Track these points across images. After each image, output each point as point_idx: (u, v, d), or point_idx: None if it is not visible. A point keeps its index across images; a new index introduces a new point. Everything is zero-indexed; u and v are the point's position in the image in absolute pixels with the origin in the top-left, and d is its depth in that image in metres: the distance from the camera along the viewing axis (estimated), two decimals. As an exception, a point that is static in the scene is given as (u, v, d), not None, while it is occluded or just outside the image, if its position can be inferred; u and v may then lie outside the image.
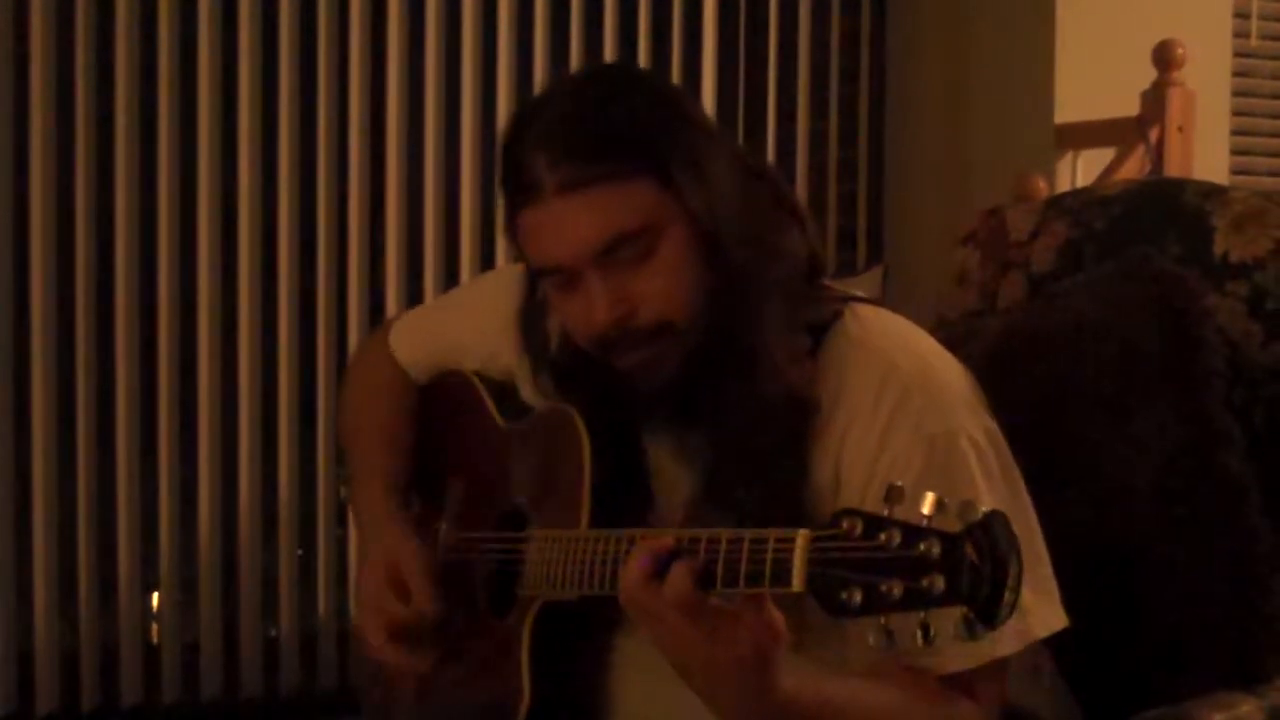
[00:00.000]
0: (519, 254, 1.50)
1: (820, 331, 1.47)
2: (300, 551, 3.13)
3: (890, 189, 3.74)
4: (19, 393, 2.87)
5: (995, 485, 1.41)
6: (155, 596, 3.04)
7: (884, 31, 3.72)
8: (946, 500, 1.08)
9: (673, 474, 1.51)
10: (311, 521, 3.13)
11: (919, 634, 1.07)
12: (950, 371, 1.48)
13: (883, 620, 1.09)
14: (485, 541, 1.64)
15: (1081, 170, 3.36)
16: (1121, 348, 1.68)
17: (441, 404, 1.83)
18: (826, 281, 1.54)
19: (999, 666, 1.42)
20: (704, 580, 1.20)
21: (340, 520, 3.16)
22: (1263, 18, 3.66)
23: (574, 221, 1.40)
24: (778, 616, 1.21)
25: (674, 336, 1.43)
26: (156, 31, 2.95)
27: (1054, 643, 1.47)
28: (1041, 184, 3.13)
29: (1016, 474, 1.45)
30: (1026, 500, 1.45)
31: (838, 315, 1.49)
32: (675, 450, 1.50)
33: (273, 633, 3.12)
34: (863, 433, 1.42)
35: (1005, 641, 1.38)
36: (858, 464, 1.42)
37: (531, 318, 1.59)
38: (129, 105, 2.94)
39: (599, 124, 1.41)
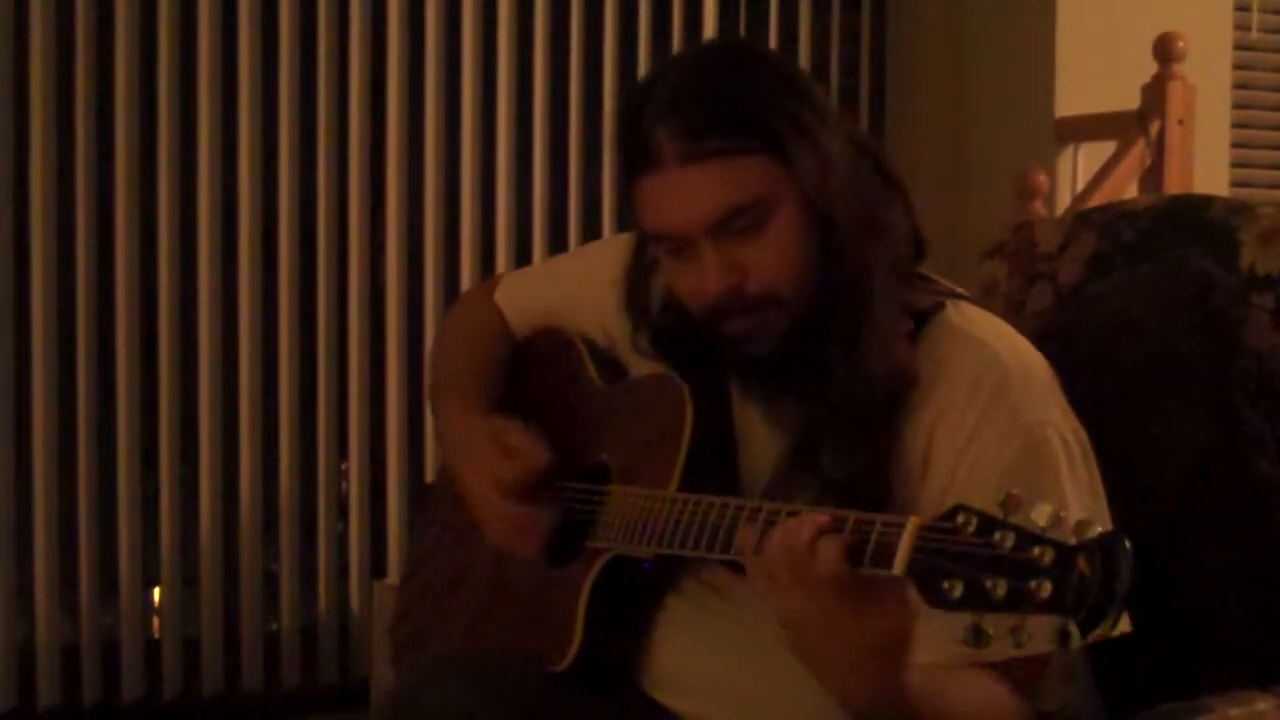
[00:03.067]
0: (635, 219, 1.53)
1: (923, 318, 1.50)
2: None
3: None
4: (20, 388, 2.86)
5: (1079, 485, 1.43)
6: (156, 591, 3.03)
7: (884, 29, 3.73)
8: (1063, 514, 1.09)
9: (762, 436, 1.54)
10: (312, 516, 3.12)
11: (1009, 638, 1.08)
12: (1048, 373, 1.50)
13: (977, 618, 1.09)
14: (563, 490, 1.65)
15: (1082, 163, 3.37)
16: (1157, 346, 1.69)
17: (538, 354, 1.84)
18: (930, 274, 1.57)
19: (1045, 661, 1.42)
20: (854, 556, 1.19)
21: (341, 515, 3.16)
22: (1263, 10, 3.68)
23: (690, 193, 1.43)
24: (914, 597, 1.19)
25: (780, 307, 1.46)
26: (156, 31, 2.93)
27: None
28: (1042, 177, 3.14)
29: (1098, 480, 1.46)
30: (1105, 507, 1.46)
31: (940, 306, 1.52)
32: (766, 414, 1.53)
33: (274, 627, 3.12)
34: (958, 416, 1.44)
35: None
36: (949, 446, 1.43)
37: (637, 278, 1.62)
38: (129, 105, 2.92)
39: (718, 99, 1.44)
